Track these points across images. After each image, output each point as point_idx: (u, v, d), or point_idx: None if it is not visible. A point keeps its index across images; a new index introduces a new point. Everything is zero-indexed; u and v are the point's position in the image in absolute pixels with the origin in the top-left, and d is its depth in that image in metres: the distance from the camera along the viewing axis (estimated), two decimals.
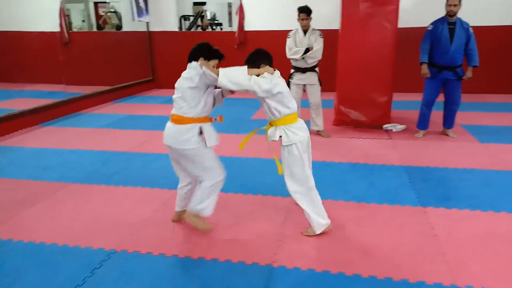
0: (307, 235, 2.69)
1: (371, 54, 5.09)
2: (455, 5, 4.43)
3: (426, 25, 4.73)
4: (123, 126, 5.75)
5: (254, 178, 3.71)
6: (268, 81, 2.43)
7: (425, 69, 4.66)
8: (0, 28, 6.92)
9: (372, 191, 3.40)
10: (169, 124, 2.58)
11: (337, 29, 5.45)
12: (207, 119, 2.62)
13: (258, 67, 2.53)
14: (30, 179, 3.75)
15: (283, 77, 2.65)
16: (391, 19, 4.99)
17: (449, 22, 4.53)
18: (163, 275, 2.31)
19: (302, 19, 4.65)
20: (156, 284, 2.22)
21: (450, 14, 4.48)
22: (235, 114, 6.43)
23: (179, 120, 2.52)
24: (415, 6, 7.44)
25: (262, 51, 2.62)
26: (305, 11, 4.64)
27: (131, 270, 2.35)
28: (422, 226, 2.82)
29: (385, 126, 5.30)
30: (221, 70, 2.42)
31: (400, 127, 5.24)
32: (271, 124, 2.63)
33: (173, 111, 2.57)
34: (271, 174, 3.80)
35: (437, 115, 5.13)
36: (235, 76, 2.40)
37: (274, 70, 2.58)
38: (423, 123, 4.98)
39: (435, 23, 4.63)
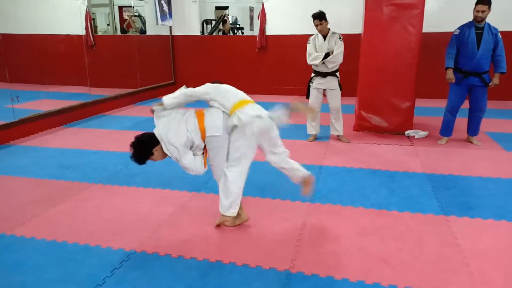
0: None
1: (394, 59, 5.02)
2: (483, 11, 4.32)
3: (451, 30, 4.64)
4: (145, 128, 5.76)
5: (273, 182, 3.70)
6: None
7: (450, 74, 4.57)
8: (28, 31, 7.13)
9: (393, 198, 3.34)
10: None
11: (359, 33, 5.41)
12: None
13: None
14: (53, 179, 3.84)
15: (305, 82, 2.68)
16: (415, 23, 4.91)
17: (477, 27, 4.42)
18: (181, 277, 2.32)
19: (316, 25, 4.63)
20: (174, 286, 2.24)
21: (478, 20, 4.38)
22: None
23: None
24: (440, 10, 7.30)
25: None
26: (317, 17, 4.59)
27: (150, 271, 2.38)
28: (444, 235, 2.75)
29: (407, 132, 5.21)
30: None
31: (422, 133, 5.15)
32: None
33: None
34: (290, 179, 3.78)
35: (461, 122, 5.01)
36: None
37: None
38: (446, 129, 4.87)
39: (461, 28, 4.53)
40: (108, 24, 10.07)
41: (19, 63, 6.39)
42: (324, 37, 4.67)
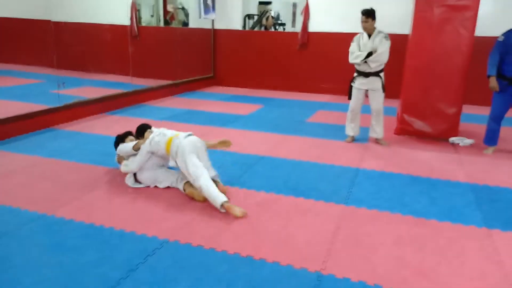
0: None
1: (442, 62, 4.82)
2: None
3: None
4: (182, 120, 5.91)
5: (306, 182, 3.65)
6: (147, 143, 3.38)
7: (493, 82, 4.32)
8: (75, 20, 7.38)
9: (433, 207, 3.20)
10: None
11: (406, 34, 5.23)
12: None
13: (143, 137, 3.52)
14: (93, 164, 3.96)
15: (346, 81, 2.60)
16: (467, 26, 4.68)
17: None
18: (211, 269, 2.32)
19: (362, 22, 4.51)
20: (204, 278, 2.24)
21: None
22: (291, 116, 6.39)
23: None
24: (496, 14, 6.92)
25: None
26: (364, 13, 4.48)
27: (182, 261, 2.39)
28: (486, 250, 2.60)
29: (451, 139, 4.99)
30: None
31: (468, 141, 4.91)
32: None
33: None
34: (324, 179, 3.72)
35: (510, 131, 4.74)
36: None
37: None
38: (491, 138, 4.62)
39: (507, 34, 4.28)
40: (152, 16, 10.28)
41: (67, 51, 6.63)
42: (369, 35, 4.55)
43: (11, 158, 4.08)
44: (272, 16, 10.00)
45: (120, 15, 7.65)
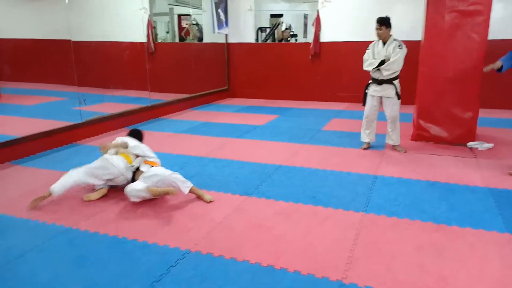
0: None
1: (456, 67, 4.81)
2: None
3: None
4: (199, 132, 6.01)
5: (324, 190, 3.67)
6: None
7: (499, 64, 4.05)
8: (95, 39, 7.62)
9: (453, 213, 3.18)
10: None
11: (419, 40, 5.24)
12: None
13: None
14: None
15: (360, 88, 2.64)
16: (479, 31, 4.67)
17: None
18: (233, 279, 2.36)
19: (376, 29, 4.55)
20: None
21: None
22: (306, 125, 6.42)
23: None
24: (509, 16, 6.88)
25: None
26: (378, 21, 4.53)
27: (204, 271, 2.44)
28: (509, 256, 2.57)
29: (470, 143, 4.94)
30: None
31: (487, 145, 4.86)
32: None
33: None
34: (342, 187, 3.73)
35: None
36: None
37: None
38: None
39: None
40: (167, 32, 10.52)
41: (87, 68, 6.84)
42: (384, 43, 4.58)
43: (37, 173, 4.23)
44: (286, 28, 10.14)
45: (137, 33, 7.86)
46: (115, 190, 3.68)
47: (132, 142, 3.78)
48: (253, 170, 4.22)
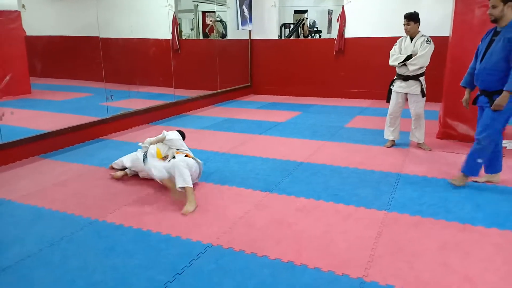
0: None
1: None
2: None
3: None
4: (222, 129, 6.07)
5: (346, 188, 3.64)
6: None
7: None
8: (122, 35, 7.78)
9: (479, 213, 3.11)
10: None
11: (447, 36, 5.11)
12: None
13: None
14: None
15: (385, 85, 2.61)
16: None
17: None
18: (253, 273, 2.39)
19: (404, 25, 4.49)
20: (246, 282, 2.31)
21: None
22: (329, 122, 6.38)
23: None
24: None
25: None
26: (405, 17, 4.47)
27: (225, 265, 2.48)
28: None
29: None
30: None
31: None
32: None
33: None
34: (365, 185, 3.70)
35: None
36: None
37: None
38: None
39: None
40: (192, 29, 10.62)
41: (114, 65, 6.99)
42: (412, 39, 4.50)
43: (66, 167, 4.37)
44: (304, 23, 10.06)
45: (162, 30, 7.98)
46: (139, 179, 3.80)
47: (170, 135, 3.88)
48: (275, 167, 4.23)
